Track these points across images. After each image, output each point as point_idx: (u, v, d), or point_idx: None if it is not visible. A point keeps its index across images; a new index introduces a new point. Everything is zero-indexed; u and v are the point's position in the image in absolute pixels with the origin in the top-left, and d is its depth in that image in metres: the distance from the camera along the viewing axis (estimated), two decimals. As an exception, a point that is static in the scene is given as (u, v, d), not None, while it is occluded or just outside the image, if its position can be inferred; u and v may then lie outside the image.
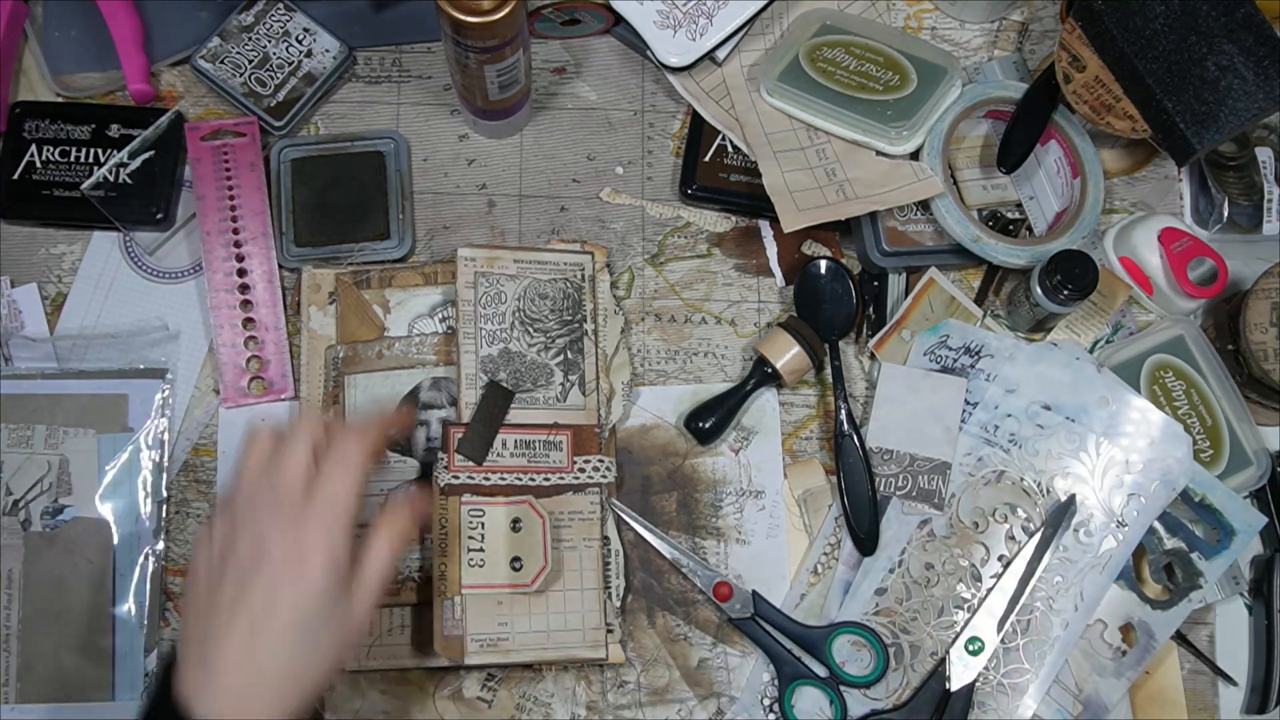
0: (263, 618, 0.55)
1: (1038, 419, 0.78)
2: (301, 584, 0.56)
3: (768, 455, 0.79)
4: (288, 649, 0.56)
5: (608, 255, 0.82)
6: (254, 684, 0.55)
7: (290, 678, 0.56)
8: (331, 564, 0.56)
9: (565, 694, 0.74)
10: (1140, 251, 0.81)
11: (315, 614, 0.56)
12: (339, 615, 0.57)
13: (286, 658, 0.56)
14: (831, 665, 0.74)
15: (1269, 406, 0.81)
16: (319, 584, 0.56)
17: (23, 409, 0.76)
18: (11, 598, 0.74)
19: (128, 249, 0.82)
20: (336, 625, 0.57)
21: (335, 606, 0.57)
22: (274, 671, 0.55)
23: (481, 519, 0.73)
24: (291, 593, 0.56)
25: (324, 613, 0.56)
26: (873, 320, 0.82)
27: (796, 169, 0.80)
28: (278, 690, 0.56)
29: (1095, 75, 0.78)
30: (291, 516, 0.57)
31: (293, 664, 0.56)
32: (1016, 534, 0.76)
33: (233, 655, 0.55)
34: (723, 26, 0.82)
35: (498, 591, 0.72)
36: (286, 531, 0.57)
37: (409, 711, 0.74)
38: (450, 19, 0.71)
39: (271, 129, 0.83)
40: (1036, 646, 0.74)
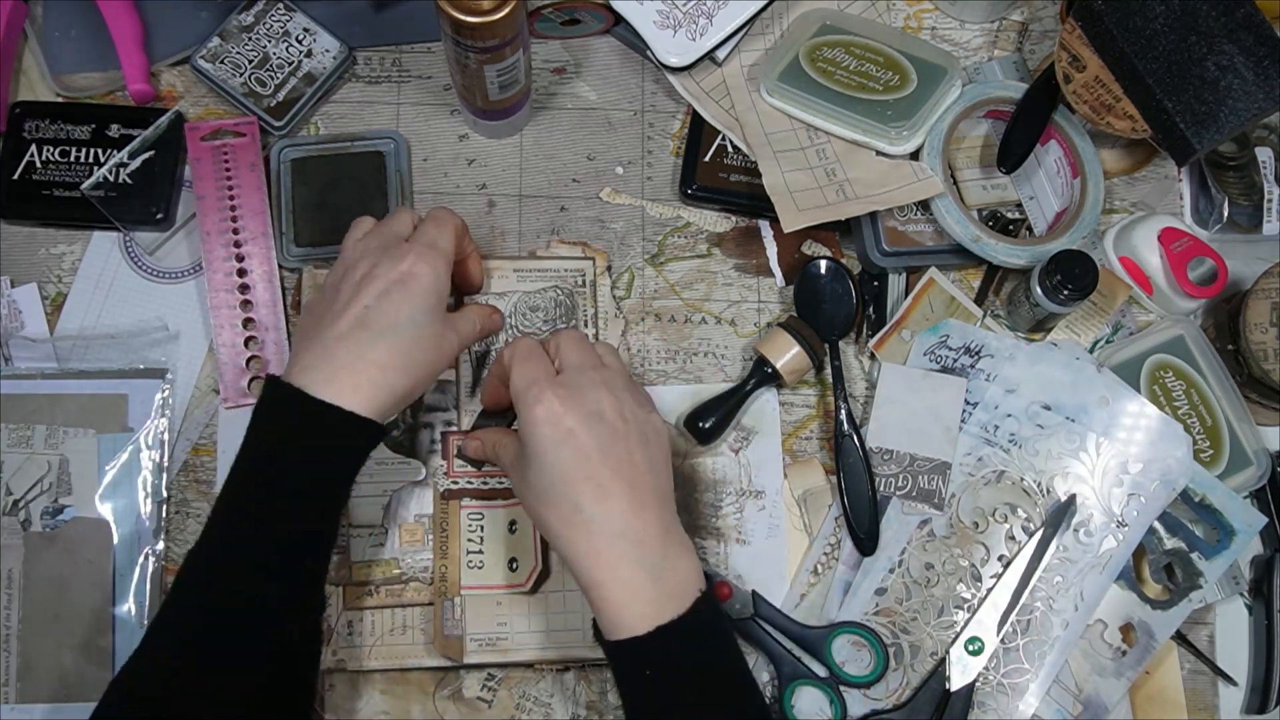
0: (374, 313, 0.65)
1: (1038, 419, 0.78)
2: (409, 290, 0.66)
3: (768, 455, 0.79)
4: (391, 339, 0.65)
5: (608, 257, 0.82)
6: (361, 366, 0.64)
7: (392, 366, 0.64)
8: (434, 282, 0.67)
9: (565, 694, 0.75)
10: (1140, 251, 0.81)
11: (420, 315, 0.66)
12: (437, 330, 0.67)
13: (389, 348, 0.65)
14: (831, 665, 0.74)
15: (1269, 406, 0.81)
16: (423, 293, 0.66)
17: (23, 409, 0.76)
18: (11, 598, 0.74)
19: (128, 249, 0.82)
20: (434, 337, 0.67)
21: (434, 322, 0.67)
22: (378, 359, 0.64)
23: (481, 522, 0.73)
24: (401, 294, 0.66)
25: (426, 319, 0.66)
26: (873, 320, 0.82)
27: (796, 169, 0.80)
28: (380, 375, 0.64)
29: (1095, 75, 0.78)
30: (399, 249, 0.67)
31: (394, 354, 0.65)
32: (1016, 534, 0.76)
33: (346, 341, 0.65)
34: (723, 26, 0.82)
35: (496, 592, 0.72)
36: (395, 258, 0.67)
37: (409, 711, 0.74)
38: (450, 19, 0.71)
39: (271, 129, 0.83)
40: (1036, 646, 0.74)
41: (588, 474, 0.62)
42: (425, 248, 0.68)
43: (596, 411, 0.64)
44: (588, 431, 0.63)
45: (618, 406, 0.65)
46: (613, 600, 0.61)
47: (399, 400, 0.66)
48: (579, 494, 0.62)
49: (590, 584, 0.61)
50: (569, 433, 0.63)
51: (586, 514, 0.62)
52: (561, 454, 0.62)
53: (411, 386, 0.66)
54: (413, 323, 0.65)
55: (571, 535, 0.62)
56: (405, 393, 0.66)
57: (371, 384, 0.64)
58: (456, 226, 0.71)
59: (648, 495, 0.63)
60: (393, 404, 0.65)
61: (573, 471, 0.62)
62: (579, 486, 0.62)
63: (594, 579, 0.61)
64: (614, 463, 0.63)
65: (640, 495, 0.63)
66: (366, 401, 0.63)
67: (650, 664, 0.61)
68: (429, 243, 0.68)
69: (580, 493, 0.62)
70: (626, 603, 0.61)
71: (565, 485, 0.62)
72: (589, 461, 0.63)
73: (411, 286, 0.66)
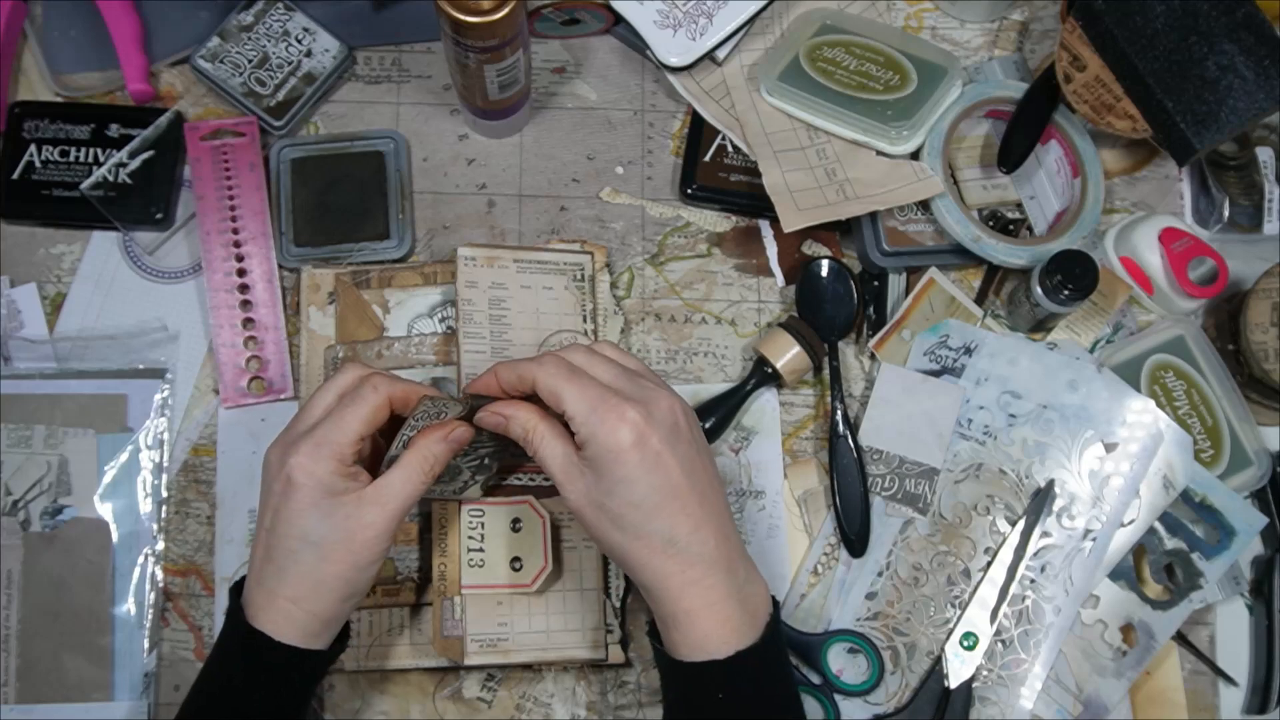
0: (274, 538, 0.61)
1: (1009, 408, 0.78)
2: (291, 504, 0.60)
3: (768, 455, 0.79)
4: (294, 570, 0.60)
5: (607, 255, 0.81)
6: (279, 603, 0.60)
7: (302, 597, 0.60)
8: (316, 486, 0.59)
9: (565, 694, 0.74)
10: (1140, 251, 0.81)
11: (313, 528, 0.60)
12: (342, 533, 0.60)
13: (296, 578, 0.60)
14: (826, 673, 0.74)
15: (1269, 406, 0.81)
16: (311, 504, 0.59)
17: (23, 409, 0.76)
18: (11, 598, 0.74)
19: (127, 249, 0.82)
20: (340, 543, 0.60)
21: (335, 528, 0.60)
22: (287, 593, 0.60)
23: (481, 519, 0.73)
24: (287, 511, 0.60)
25: (323, 529, 0.60)
26: (873, 320, 0.82)
27: (796, 169, 0.80)
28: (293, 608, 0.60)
29: (1095, 75, 0.78)
30: (290, 449, 0.61)
31: (302, 584, 0.60)
32: (1000, 525, 0.76)
33: (263, 574, 0.61)
34: (723, 26, 0.82)
35: (498, 592, 0.72)
36: (280, 464, 0.61)
37: (409, 711, 0.74)
38: (450, 19, 0.71)
39: (271, 129, 0.83)
40: (1031, 635, 0.74)
41: (680, 504, 0.59)
42: (307, 444, 0.60)
43: (673, 425, 0.60)
44: (672, 452, 0.59)
45: (679, 411, 0.61)
46: (701, 628, 0.59)
47: (333, 618, 0.62)
48: (673, 527, 0.59)
49: (678, 613, 0.59)
50: (657, 457, 0.59)
51: (681, 545, 0.59)
52: (653, 482, 0.58)
53: (335, 605, 0.61)
54: (306, 541, 0.60)
55: (663, 567, 0.59)
56: (333, 614, 0.61)
57: (288, 619, 0.60)
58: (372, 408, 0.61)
59: (724, 514, 0.62)
60: (323, 626, 0.61)
61: (666, 502, 0.59)
62: (674, 520, 0.59)
63: (684, 609, 0.59)
64: (699, 486, 0.60)
65: (720, 516, 0.61)
66: (297, 632, 0.60)
67: (724, 687, 0.59)
68: (315, 439, 0.60)
69: (675, 525, 0.59)
70: (715, 630, 0.59)
71: (658, 517, 0.59)
72: (680, 490, 0.59)
73: (294, 500, 0.60)
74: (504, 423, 0.63)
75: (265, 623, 0.60)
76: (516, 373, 0.63)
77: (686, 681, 0.61)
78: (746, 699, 0.60)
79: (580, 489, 0.60)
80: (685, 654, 0.60)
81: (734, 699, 0.59)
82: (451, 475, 0.69)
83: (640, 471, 0.58)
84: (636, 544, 0.59)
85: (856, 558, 0.76)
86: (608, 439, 0.58)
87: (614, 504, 0.59)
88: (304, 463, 0.60)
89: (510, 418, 0.63)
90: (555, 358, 0.62)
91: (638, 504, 0.59)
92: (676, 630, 0.60)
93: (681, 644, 0.60)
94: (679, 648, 0.60)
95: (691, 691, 0.61)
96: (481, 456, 0.69)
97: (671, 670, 0.61)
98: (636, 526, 0.59)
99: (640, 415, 0.59)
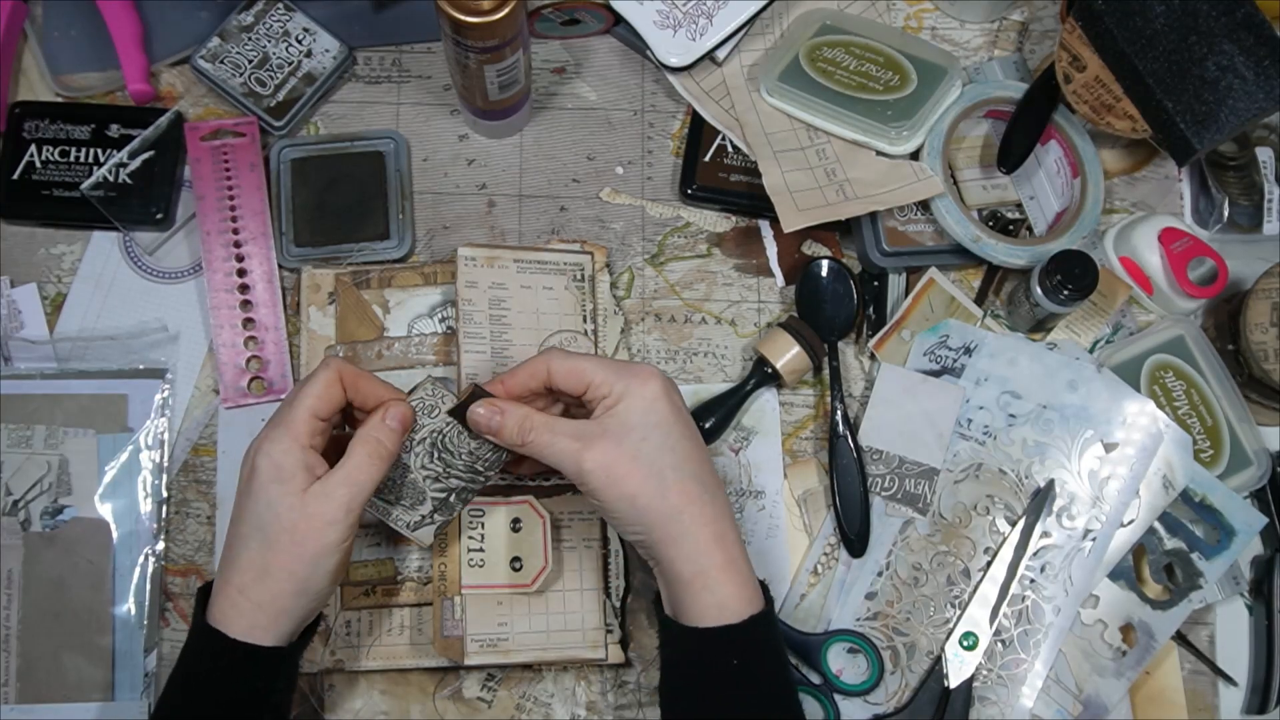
0: (231, 528, 0.61)
1: (1009, 408, 0.78)
2: (252, 490, 0.60)
3: (768, 455, 0.79)
4: (244, 558, 0.60)
5: (607, 255, 0.81)
6: (229, 591, 0.60)
7: (252, 576, 0.60)
8: (273, 468, 0.60)
9: (565, 694, 0.74)
10: (1140, 251, 0.81)
11: (261, 513, 0.59)
12: (287, 515, 0.59)
13: (246, 558, 0.60)
14: (826, 673, 0.74)
15: (1269, 406, 0.81)
16: (262, 488, 0.60)
17: (23, 409, 0.76)
18: (11, 598, 0.74)
19: (127, 249, 0.82)
20: (288, 523, 0.59)
21: (279, 505, 0.59)
22: (239, 570, 0.60)
23: (482, 519, 0.73)
24: (246, 498, 0.60)
25: (268, 512, 0.59)
26: (873, 320, 0.82)
27: (796, 169, 0.80)
28: (245, 588, 0.60)
29: (1095, 75, 0.78)
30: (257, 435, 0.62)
31: (249, 572, 0.60)
32: (1000, 525, 0.76)
33: (220, 564, 0.62)
34: (723, 26, 0.82)
35: (498, 592, 0.72)
36: (250, 446, 0.62)
37: (409, 711, 0.74)
38: (450, 19, 0.71)
39: (271, 129, 0.83)
40: (1031, 635, 0.74)
41: (703, 457, 0.62)
42: (269, 429, 0.61)
43: (679, 395, 0.64)
44: (688, 413, 0.63)
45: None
46: (726, 587, 0.60)
47: (283, 613, 0.60)
48: (704, 472, 0.61)
49: (705, 569, 0.60)
50: (680, 410, 0.62)
51: (711, 492, 0.61)
52: (683, 430, 0.61)
53: (284, 599, 0.60)
54: (255, 527, 0.60)
55: (696, 515, 0.60)
56: (282, 608, 0.60)
57: (236, 609, 0.59)
58: (322, 383, 0.62)
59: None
60: (272, 620, 0.60)
61: (695, 451, 0.61)
62: (704, 467, 0.61)
63: (713, 563, 0.60)
64: (707, 451, 0.63)
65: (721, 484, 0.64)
66: (244, 624, 0.59)
67: (740, 653, 0.60)
68: (275, 423, 0.61)
69: (705, 472, 0.61)
70: (735, 592, 0.60)
71: (691, 460, 0.61)
72: (700, 447, 0.63)
73: (252, 485, 0.60)
74: (499, 417, 0.63)
75: (217, 614, 0.60)
76: (526, 372, 0.65)
77: (704, 650, 0.61)
78: (762, 668, 0.61)
79: (606, 446, 0.61)
80: (707, 618, 0.60)
81: (749, 667, 0.60)
82: (414, 501, 0.67)
83: (672, 416, 0.61)
84: (675, 489, 0.60)
85: (856, 558, 0.76)
86: (641, 387, 0.61)
87: (649, 447, 0.60)
88: (263, 445, 0.60)
89: (505, 411, 0.63)
90: (556, 348, 0.65)
91: (673, 446, 0.61)
92: (704, 590, 0.60)
93: (707, 606, 0.60)
94: (702, 611, 0.60)
95: (708, 660, 0.61)
96: (451, 491, 0.67)
97: (685, 640, 0.61)
98: (675, 468, 0.60)
99: (660, 375, 0.62)
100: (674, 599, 0.62)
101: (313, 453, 0.61)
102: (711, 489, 0.62)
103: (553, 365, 0.64)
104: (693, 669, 0.62)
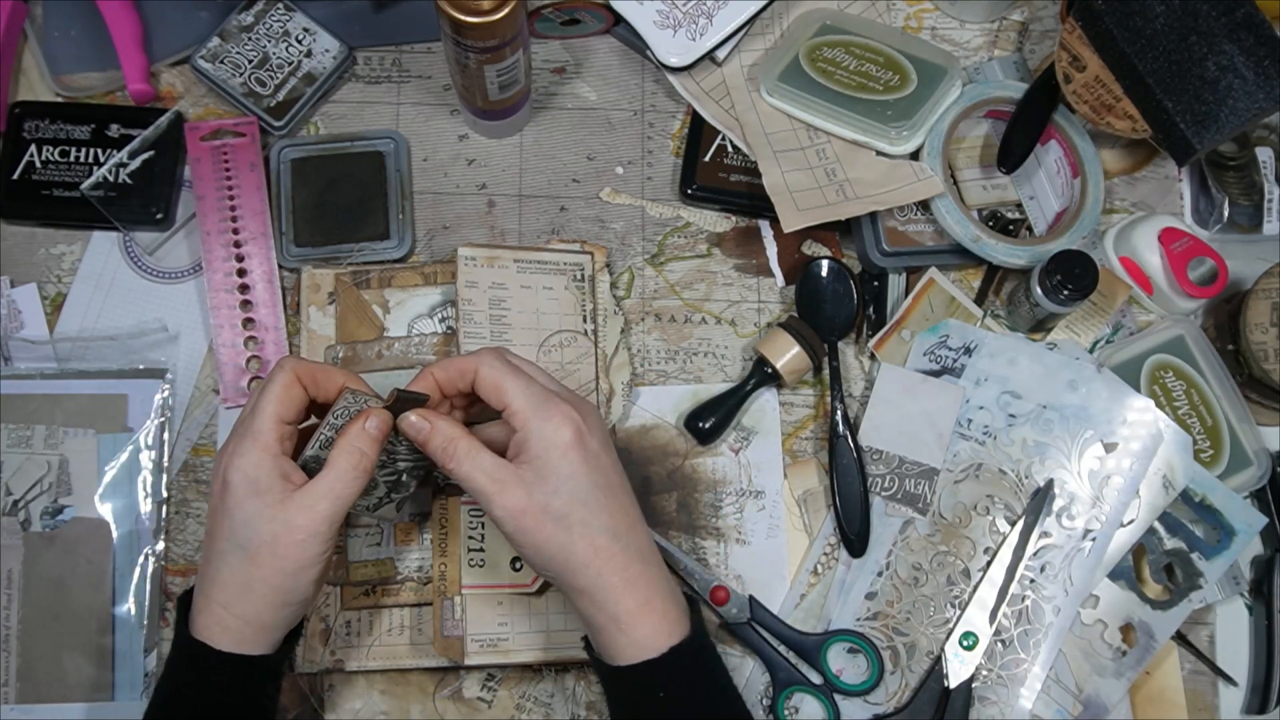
0: (208, 540, 0.61)
1: (1009, 408, 0.78)
2: (226, 504, 0.59)
3: (768, 455, 0.79)
4: (225, 575, 0.59)
5: (607, 255, 0.81)
6: (212, 607, 0.59)
7: (235, 592, 0.59)
8: (245, 481, 0.59)
9: (565, 694, 0.74)
10: (1140, 251, 0.81)
11: (238, 529, 0.59)
12: (267, 528, 0.58)
13: (227, 575, 0.59)
14: (826, 673, 0.74)
15: (1269, 406, 0.81)
16: (238, 503, 0.59)
17: (23, 409, 0.76)
18: (11, 598, 0.74)
19: (127, 249, 0.82)
20: (268, 537, 0.58)
21: (257, 519, 0.58)
22: (221, 587, 0.59)
23: (482, 519, 0.73)
24: (221, 513, 0.60)
25: (246, 528, 0.58)
26: (873, 320, 0.82)
27: (796, 169, 0.80)
28: (225, 615, 0.59)
29: (1095, 75, 0.78)
30: (223, 446, 0.61)
31: (229, 589, 0.59)
32: (999, 525, 0.76)
33: (198, 578, 0.61)
34: (723, 26, 0.82)
35: (498, 592, 0.72)
36: (218, 459, 0.61)
37: (409, 711, 0.74)
38: (450, 19, 0.71)
39: (271, 129, 0.83)
40: (1031, 635, 0.74)
41: (617, 502, 0.61)
42: (235, 440, 0.60)
43: (603, 430, 0.62)
44: (606, 454, 0.61)
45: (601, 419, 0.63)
46: (641, 628, 0.60)
47: (268, 625, 0.60)
48: (615, 522, 0.60)
49: (620, 614, 0.60)
50: (596, 456, 0.60)
51: (623, 541, 0.60)
52: (595, 479, 0.60)
53: (268, 611, 0.59)
54: (234, 543, 0.59)
55: (606, 565, 0.60)
56: (267, 620, 0.60)
57: (222, 625, 0.59)
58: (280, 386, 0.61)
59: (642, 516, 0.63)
60: (258, 632, 0.60)
61: (606, 499, 0.60)
62: (615, 516, 0.60)
63: (626, 608, 0.60)
64: (627, 487, 0.62)
65: (641, 517, 0.63)
66: (232, 639, 0.59)
67: (664, 685, 0.60)
68: (240, 433, 0.60)
69: (616, 521, 0.60)
70: (654, 627, 0.60)
71: (602, 513, 0.60)
72: (615, 489, 0.61)
73: (226, 500, 0.59)
74: (427, 430, 0.62)
75: (201, 629, 0.60)
76: (456, 368, 0.63)
77: (629, 686, 0.61)
78: (691, 693, 0.61)
79: (518, 495, 0.59)
80: (625, 657, 0.60)
81: (678, 696, 0.60)
82: (367, 490, 0.65)
83: (584, 468, 0.59)
84: (581, 543, 0.59)
85: (856, 558, 0.76)
86: (554, 434, 0.59)
87: (559, 502, 0.59)
88: (232, 459, 0.59)
89: (434, 426, 0.62)
90: (494, 351, 0.63)
91: (584, 500, 0.59)
92: (619, 633, 0.60)
93: (624, 647, 0.60)
94: (620, 651, 0.60)
95: (635, 696, 0.61)
96: (400, 472, 0.66)
97: (612, 678, 0.62)
98: (583, 523, 0.59)
99: (578, 415, 0.60)
100: (595, 641, 0.63)
101: (285, 460, 0.60)
102: (623, 535, 0.61)
103: (481, 371, 0.62)
104: (625, 704, 0.62)
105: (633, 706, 0.62)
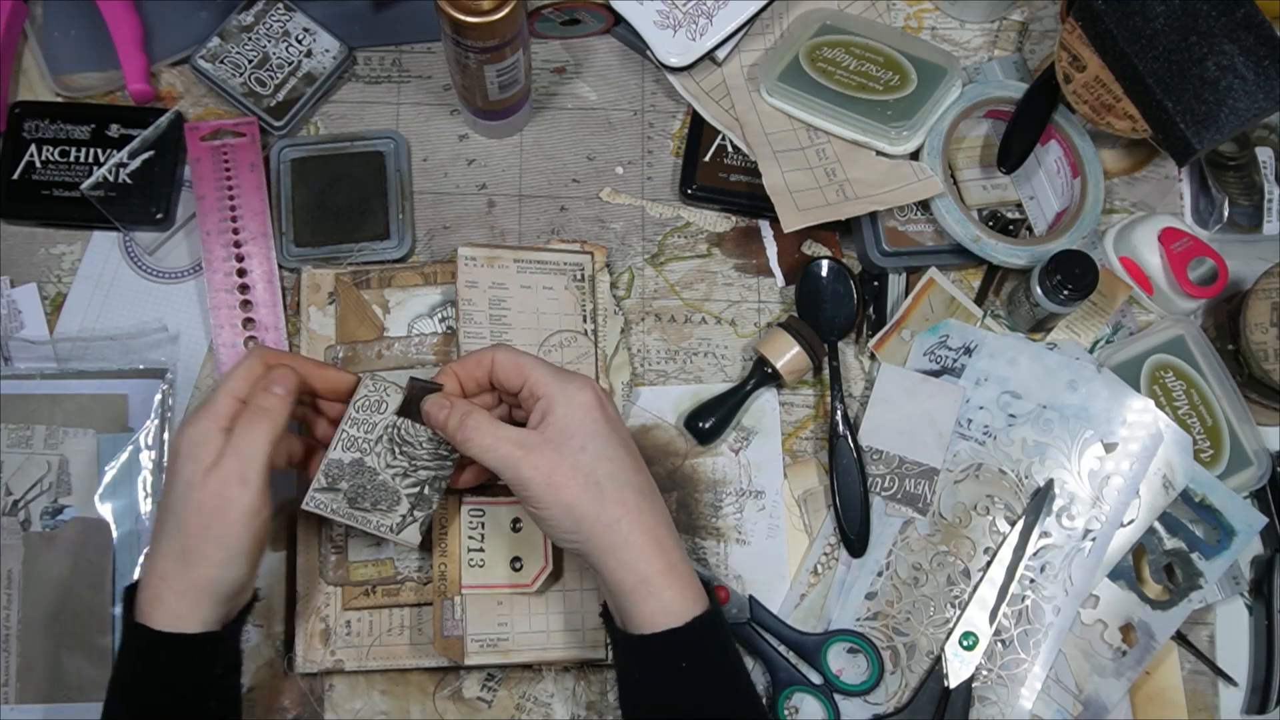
0: (155, 517, 0.62)
1: (1009, 408, 0.78)
2: (173, 470, 0.61)
3: (768, 455, 0.79)
4: (167, 536, 0.60)
5: (607, 255, 0.82)
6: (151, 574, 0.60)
7: (171, 561, 0.60)
8: (188, 449, 0.60)
9: (565, 694, 0.74)
10: (1140, 251, 0.81)
11: (178, 500, 0.60)
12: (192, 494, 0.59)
13: (165, 544, 0.60)
14: (826, 673, 0.74)
15: (1269, 406, 0.81)
16: (177, 470, 0.60)
17: (23, 409, 0.76)
18: (11, 598, 0.74)
19: (127, 249, 0.82)
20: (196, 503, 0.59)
21: (189, 487, 0.60)
22: (159, 558, 0.60)
23: (482, 519, 0.73)
24: (166, 486, 0.61)
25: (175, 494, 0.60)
26: (873, 320, 0.82)
27: (796, 169, 0.80)
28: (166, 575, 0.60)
29: (1095, 75, 0.78)
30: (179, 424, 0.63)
31: (169, 548, 0.60)
32: (999, 525, 0.76)
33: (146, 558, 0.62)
34: (723, 26, 0.82)
35: (498, 592, 0.72)
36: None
37: (409, 711, 0.74)
38: (450, 19, 0.71)
39: (271, 129, 0.83)
40: (1031, 635, 0.74)
41: (639, 463, 0.63)
42: (193, 413, 0.62)
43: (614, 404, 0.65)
44: (623, 423, 0.64)
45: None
46: (669, 590, 0.60)
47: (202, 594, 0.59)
48: (641, 482, 0.62)
49: (650, 576, 0.60)
50: (615, 421, 0.63)
51: (650, 501, 0.62)
52: (618, 439, 0.62)
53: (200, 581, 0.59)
54: (169, 511, 0.60)
55: (633, 523, 0.61)
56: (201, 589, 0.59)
57: (158, 599, 0.59)
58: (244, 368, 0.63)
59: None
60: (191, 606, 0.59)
61: (629, 457, 0.62)
62: (640, 475, 0.62)
63: (655, 569, 0.60)
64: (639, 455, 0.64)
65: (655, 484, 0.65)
66: (167, 614, 0.59)
67: (687, 655, 0.60)
68: (198, 407, 0.62)
69: (642, 481, 0.62)
70: (678, 594, 0.60)
71: (626, 469, 0.61)
72: (635, 455, 0.63)
73: (172, 470, 0.61)
74: (446, 408, 0.63)
75: (143, 607, 0.60)
76: (473, 360, 0.66)
77: (653, 655, 0.61)
78: (713, 667, 0.61)
79: (547, 453, 0.61)
80: (651, 624, 0.60)
81: (699, 668, 0.60)
82: (390, 503, 0.67)
83: (607, 427, 0.61)
84: (612, 497, 0.61)
85: (856, 558, 0.76)
86: (577, 394, 0.62)
87: (586, 458, 0.61)
88: (183, 429, 0.61)
89: (452, 403, 0.64)
90: (505, 345, 0.66)
91: (609, 456, 0.61)
92: (648, 596, 0.60)
93: (652, 612, 0.60)
94: (647, 618, 0.60)
95: (656, 665, 0.61)
96: (422, 483, 0.67)
97: (632, 647, 0.62)
98: (611, 478, 0.61)
99: (594, 385, 0.63)
100: (619, 608, 0.62)
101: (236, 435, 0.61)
102: (649, 496, 0.62)
103: (497, 356, 0.65)
104: (645, 675, 0.62)
105: (654, 677, 0.61)
